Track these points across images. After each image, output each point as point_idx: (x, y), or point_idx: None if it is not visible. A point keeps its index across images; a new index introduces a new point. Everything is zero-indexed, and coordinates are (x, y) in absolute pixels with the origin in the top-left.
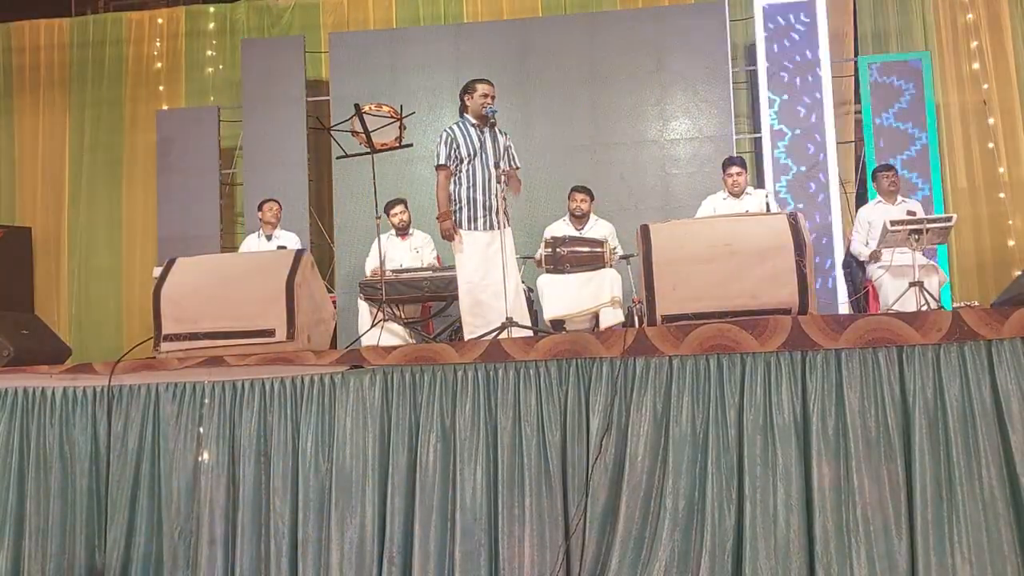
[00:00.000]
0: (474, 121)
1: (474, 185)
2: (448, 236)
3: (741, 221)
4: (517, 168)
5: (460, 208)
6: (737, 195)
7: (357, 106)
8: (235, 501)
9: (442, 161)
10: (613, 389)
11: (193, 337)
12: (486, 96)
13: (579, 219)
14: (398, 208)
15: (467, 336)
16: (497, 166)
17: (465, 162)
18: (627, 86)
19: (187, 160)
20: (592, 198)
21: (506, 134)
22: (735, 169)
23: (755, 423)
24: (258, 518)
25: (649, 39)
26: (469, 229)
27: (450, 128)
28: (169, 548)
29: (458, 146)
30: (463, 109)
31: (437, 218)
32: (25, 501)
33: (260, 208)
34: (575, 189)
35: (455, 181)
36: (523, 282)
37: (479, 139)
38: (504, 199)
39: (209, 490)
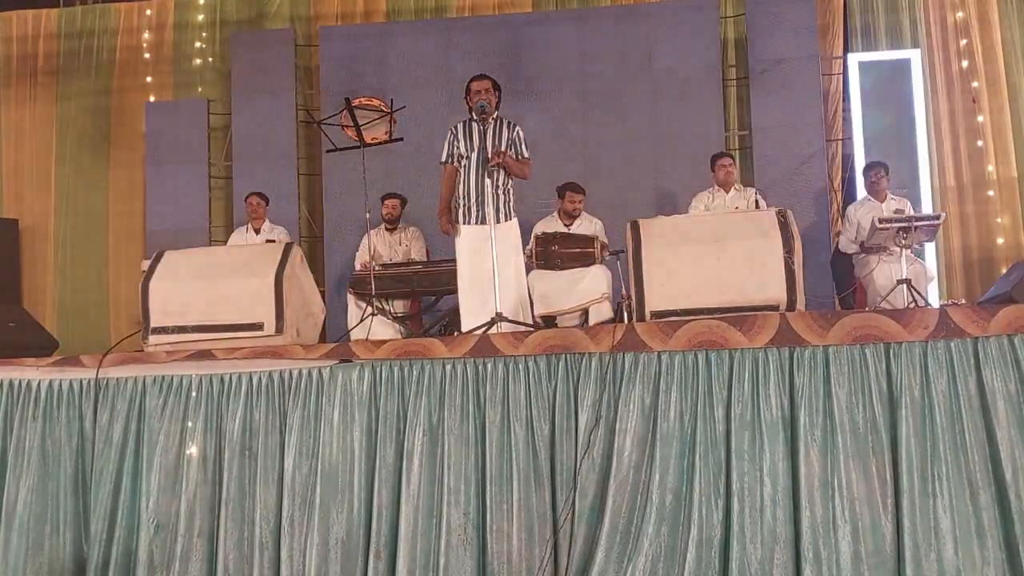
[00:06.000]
0: (476, 118)
1: (468, 181)
2: (445, 231)
3: (730, 218)
4: (525, 159)
5: (458, 204)
6: (727, 187)
7: (347, 100)
8: (220, 494)
9: (442, 159)
10: (602, 384)
11: (181, 330)
12: (478, 92)
13: (569, 216)
14: (392, 201)
15: (464, 329)
16: (488, 160)
17: (464, 159)
18: (617, 82)
19: (176, 153)
20: (584, 196)
21: (515, 126)
22: (726, 160)
23: (743, 418)
24: (243, 512)
25: (639, 35)
26: (464, 223)
27: (454, 126)
28: (150, 541)
29: (458, 143)
30: (468, 109)
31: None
32: (11, 494)
33: (245, 200)
34: (572, 189)
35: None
36: None
37: (479, 135)
38: (504, 192)
39: (194, 483)
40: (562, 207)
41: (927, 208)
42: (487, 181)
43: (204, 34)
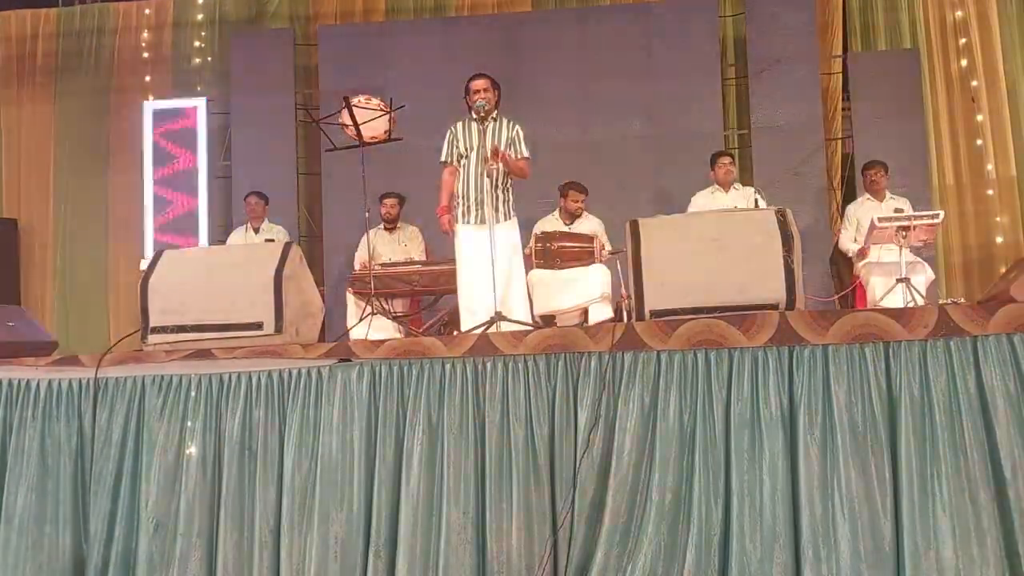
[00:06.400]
0: (475, 117)
1: (467, 180)
2: (444, 230)
3: (730, 217)
4: (525, 158)
5: (458, 204)
6: (727, 186)
7: (346, 99)
8: (220, 494)
9: (442, 158)
10: (601, 383)
11: (180, 330)
12: (477, 91)
13: (570, 215)
14: (390, 201)
15: (463, 328)
16: (487, 159)
17: (463, 158)
18: (616, 81)
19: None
20: (587, 195)
21: (514, 125)
22: (727, 159)
23: (742, 417)
24: (243, 511)
25: (639, 34)
26: (462, 224)
27: (454, 125)
28: (148, 541)
29: (457, 142)
30: (467, 108)
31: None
32: (10, 493)
33: (244, 200)
34: (575, 188)
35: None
36: None
37: (479, 134)
38: (504, 192)
39: (193, 483)
40: (564, 206)
41: (926, 207)
42: (486, 180)
43: (203, 33)
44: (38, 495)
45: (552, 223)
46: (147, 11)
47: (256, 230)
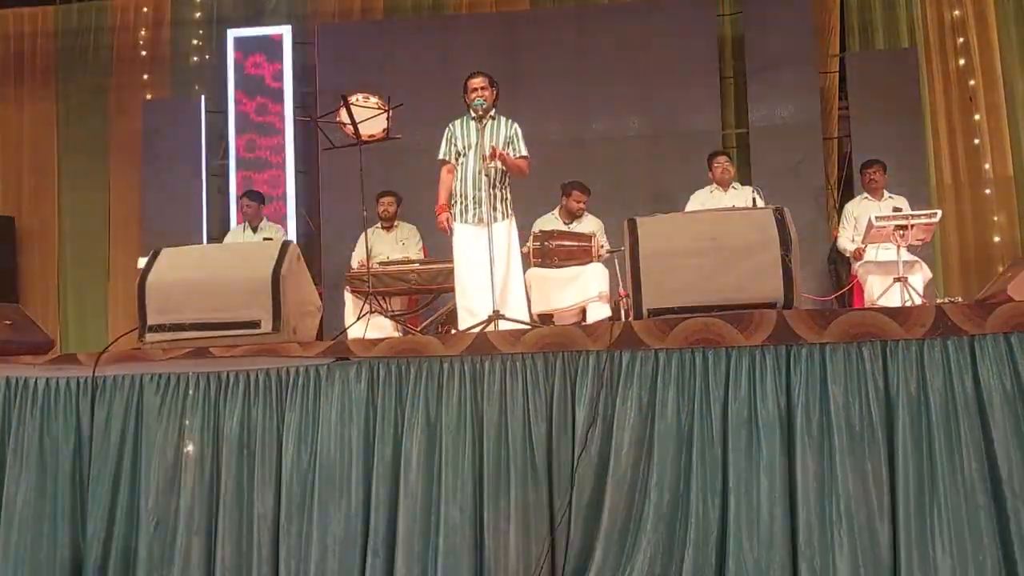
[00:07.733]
0: (473, 115)
1: (465, 179)
2: (442, 229)
3: (728, 215)
4: (523, 157)
5: (455, 202)
6: (724, 185)
7: (344, 97)
8: (218, 492)
9: (440, 156)
10: (599, 382)
11: (178, 328)
12: (475, 89)
13: (571, 214)
14: (387, 199)
15: (461, 327)
16: (485, 158)
17: (461, 156)
18: (614, 80)
19: (173, 151)
20: (589, 196)
21: (513, 124)
22: (723, 159)
23: (739, 417)
24: (241, 510)
25: (637, 33)
26: (460, 223)
27: (452, 123)
28: (148, 539)
29: (456, 140)
30: (466, 106)
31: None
32: (10, 492)
33: (239, 201)
34: (578, 188)
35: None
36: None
37: (477, 132)
38: (502, 190)
39: (192, 481)
40: (566, 205)
41: (924, 206)
42: (485, 179)
43: (201, 32)
44: (36, 494)
45: (551, 222)
46: (145, 9)
47: (254, 229)
